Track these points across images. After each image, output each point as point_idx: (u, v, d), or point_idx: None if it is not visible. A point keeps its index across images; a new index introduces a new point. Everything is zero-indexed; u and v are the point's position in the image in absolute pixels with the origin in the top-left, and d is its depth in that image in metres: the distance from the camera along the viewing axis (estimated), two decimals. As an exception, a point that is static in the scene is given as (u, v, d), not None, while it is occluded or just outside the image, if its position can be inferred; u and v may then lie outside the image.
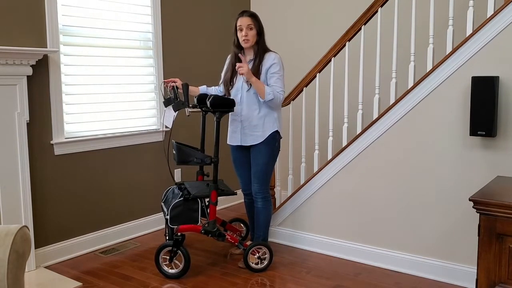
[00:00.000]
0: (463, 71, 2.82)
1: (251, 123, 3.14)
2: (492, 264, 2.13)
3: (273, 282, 3.02)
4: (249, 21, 3.08)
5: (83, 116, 3.52)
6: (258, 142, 3.13)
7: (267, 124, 3.13)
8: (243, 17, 3.09)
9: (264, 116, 3.12)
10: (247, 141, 3.17)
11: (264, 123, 3.12)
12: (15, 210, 3.03)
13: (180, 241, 3.04)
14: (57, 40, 3.27)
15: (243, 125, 3.16)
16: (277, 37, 4.60)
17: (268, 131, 3.12)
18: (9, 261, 1.73)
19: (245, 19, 3.08)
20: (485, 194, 2.22)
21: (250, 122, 3.14)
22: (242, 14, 3.12)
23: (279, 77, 3.09)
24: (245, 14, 3.11)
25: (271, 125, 3.13)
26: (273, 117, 3.14)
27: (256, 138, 3.14)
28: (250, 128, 3.14)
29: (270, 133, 3.13)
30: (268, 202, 3.24)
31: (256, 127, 3.13)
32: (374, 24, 3.33)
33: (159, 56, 4.01)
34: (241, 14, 3.12)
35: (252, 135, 3.14)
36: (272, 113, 3.15)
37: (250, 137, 3.15)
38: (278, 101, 3.09)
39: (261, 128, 3.12)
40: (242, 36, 3.07)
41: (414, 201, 3.07)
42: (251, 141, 3.15)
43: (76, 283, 2.97)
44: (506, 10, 2.65)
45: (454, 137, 2.89)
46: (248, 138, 3.16)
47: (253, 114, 3.13)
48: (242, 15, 3.11)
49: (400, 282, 2.99)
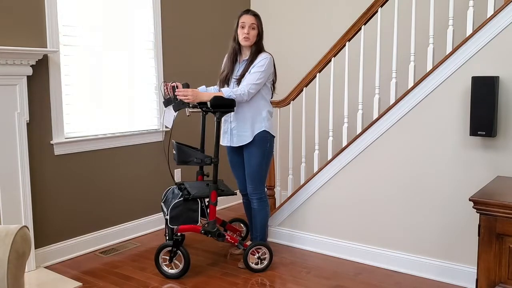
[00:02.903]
0: (463, 71, 2.82)
1: (239, 124, 3.12)
2: (492, 264, 2.13)
3: (273, 282, 3.02)
4: (253, 20, 3.07)
5: (83, 116, 3.52)
6: (247, 142, 3.11)
7: (255, 124, 3.11)
8: (248, 15, 3.08)
9: (252, 116, 3.11)
10: (236, 142, 3.16)
11: (252, 123, 3.11)
12: (15, 210, 3.03)
13: (180, 241, 3.04)
14: (57, 40, 3.27)
15: (232, 125, 3.16)
16: (277, 37, 4.60)
17: (256, 131, 3.10)
18: (9, 261, 1.73)
19: (250, 18, 3.07)
20: (485, 194, 2.22)
21: (239, 123, 3.13)
22: (247, 11, 3.11)
23: (254, 72, 3.03)
24: (250, 12, 3.10)
25: (259, 125, 3.11)
26: (260, 117, 3.12)
27: (244, 138, 3.12)
28: (239, 129, 3.13)
29: (258, 132, 3.10)
30: (264, 203, 3.23)
31: (244, 127, 3.11)
32: (374, 24, 3.33)
33: (159, 56, 4.01)
34: (246, 11, 3.11)
35: (241, 135, 3.13)
36: (260, 112, 3.12)
37: (238, 138, 3.14)
38: (240, 98, 3.01)
39: (249, 128, 3.11)
40: (244, 34, 3.06)
41: (414, 201, 3.07)
42: (240, 141, 3.14)
43: (76, 283, 2.97)
44: (506, 10, 2.65)
45: (454, 137, 2.89)
46: (237, 139, 3.15)
47: (241, 114, 3.11)
48: (247, 12, 3.10)
49: (400, 282, 2.99)
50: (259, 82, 3.04)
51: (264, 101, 3.15)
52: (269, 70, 3.08)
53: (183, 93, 2.98)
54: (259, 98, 3.12)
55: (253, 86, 3.02)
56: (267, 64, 3.06)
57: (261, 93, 3.12)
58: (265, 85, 3.14)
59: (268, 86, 3.17)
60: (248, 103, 3.09)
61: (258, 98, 3.12)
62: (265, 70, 3.04)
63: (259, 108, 3.12)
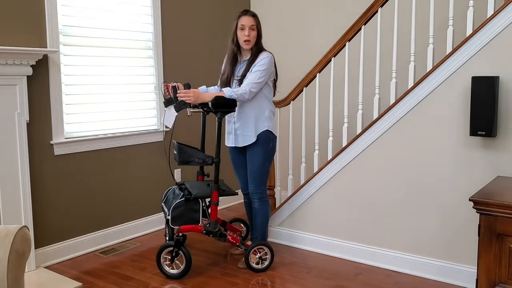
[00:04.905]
0: (463, 71, 2.82)
1: (242, 124, 3.13)
2: (492, 264, 2.14)
3: (273, 282, 3.02)
4: (253, 22, 3.06)
5: (83, 116, 3.52)
6: (251, 142, 3.12)
7: (259, 124, 3.11)
8: (247, 17, 3.07)
9: (255, 115, 3.11)
10: (240, 142, 3.16)
11: (255, 123, 3.11)
12: (15, 210, 3.03)
13: (181, 241, 3.04)
14: (57, 40, 3.27)
15: (236, 126, 3.16)
16: (277, 37, 4.60)
17: (259, 130, 3.11)
18: (9, 261, 1.73)
19: (249, 19, 3.06)
20: (485, 194, 2.23)
21: (242, 123, 3.13)
22: (245, 13, 3.09)
23: (255, 71, 3.03)
24: (249, 13, 3.09)
25: (262, 124, 3.12)
26: (263, 116, 3.12)
27: (248, 138, 3.12)
28: (242, 129, 3.14)
29: (261, 132, 3.10)
30: (265, 203, 3.23)
31: (248, 127, 3.12)
32: (374, 24, 3.33)
33: (159, 56, 4.01)
34: (244, 13, 3.09)
35: (245, 135, 3.13)
36: (263, 112, 3.12)
37: (242, 138, 3.15)
38: (242, 98, 3.02)
39: (252, 128, 3.11)
40: (244, 37, 3.05)
41: (414, 201, 3.07)
42: (244, 141, 3.14)
43: (76, 283, 2.97)
44: (506, 10, 2.65)
45: (454, 137, 2.89)
46: (241, 139, 3.15)
47: (244, 114, 3.11)
48: (246, 14, 3.08)
49: (400, 282, 2.99)
50: (261, 81, 3.04)
51: (266, 100, 3.15)
52: (270, 68, 3.08)
53: (184, 94, 2.98)
54: (262, 98, 3.13)
55: (255, 85, 3.02)
56: (268, 63, 3.06)
57: (263, 92, 3.12)
58: (267, 84, 3.14)
59: (270, 86, 3.17)
60: (250, 103, 3.09)
61: (261, 97, 3.12)
62: (266, 69, 3.04)
63: (262, 108, 3.13)
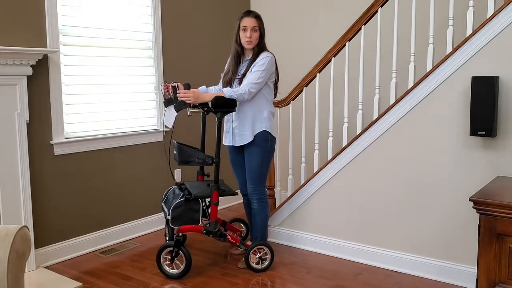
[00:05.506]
0: (463, 71, 2.82)
1: (240, 123, 3.13)
2: (492, 264, 2.14)
3: (273, 282, 3.02)
4: (255, 23, 3.06)
5: (83, 116, 3.52)
6: (247, 141, 3.11)
7: (256, 124, 3.11)
8: (249, 18, 3.06)
9: (253, 115, 3.11)
10: (237, 141, 3.16)
11: (252, 123, 3.11)
12: (15, 210, 3.03)
13: (181, 241, 3.04)
14: (57, 40, 3.27)
15: (234, 125, 3.16)
16: (277, 37, 4.60)
17: (256, 130, 3.10)
18: (9, 261, 1.73)
19: (251, 20, 3.05)
20: (485, 194, 2.23)
21: (240, 122, 3.13)
22: (247, 14, 3.09)
23: (255, 71, 3.03)
24: (251, 14, 3.08)
25: (260, 125, 3.11)
26: (261, 117, 3.12)
27: (245, 138, 3.12)
28: (240, 128, 3.14)
29: (258, 132, 3.10)
30: (264, 203, 3.23)
31: (245, 127, 3.12)
32: (374, 24, 3.33)
33: (159, 56, 4.01)
34: (247, 14, 3.09)
35: (242, 135, 3.13)
36: (261, 112, 3.12)
37: (240, 137, 3.15)
38: (241, 98, 3.02)
39: (250, 128, 3.11)
40: (246, 37, 3.05)
41: (414, 201, 3.07)
42: (241, 141, 3.14)
43: (76, 283, 2.97)
44: (506, 10, 2.65)
45: (454, 137, 2.89)
46: (238, 138, 3.15)
47: (242, 114, 3.11)
48: (248, 15, 3.08)
49: (400, 282, 2.99)
50: (260, 81, 3.04)
51: (265, 101, 3.15)
52: (270, 69, 3.08)
53: (184, 94, 2.98)
54: (261, 98, 3.12)
55: (254, 85, 3.02)
56: (268, 63, 3.05)
57: (262, 93, 3.12)
58: (267, 85, 3.14)
59: (270, 86, 3.17)
60: (249, 103, 3.09)
61: (260, 97, 3.12)
62: (266, 69, 3.04)
63: (260, 108, 3.12)
